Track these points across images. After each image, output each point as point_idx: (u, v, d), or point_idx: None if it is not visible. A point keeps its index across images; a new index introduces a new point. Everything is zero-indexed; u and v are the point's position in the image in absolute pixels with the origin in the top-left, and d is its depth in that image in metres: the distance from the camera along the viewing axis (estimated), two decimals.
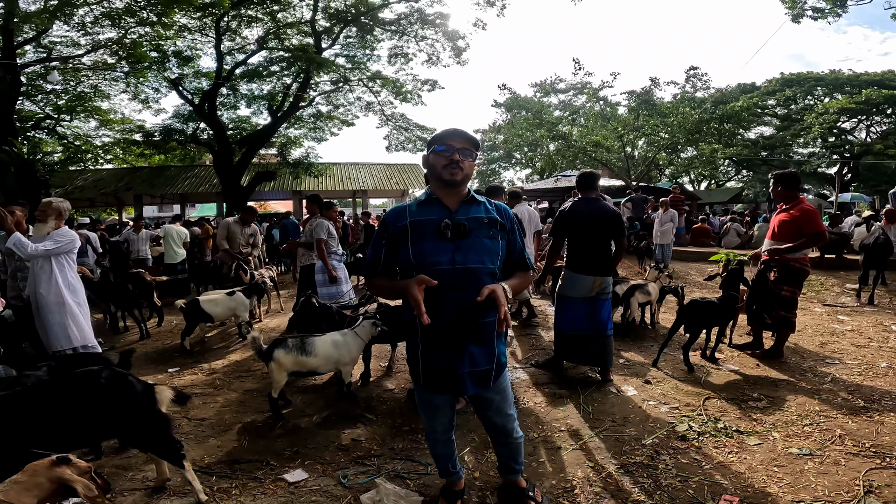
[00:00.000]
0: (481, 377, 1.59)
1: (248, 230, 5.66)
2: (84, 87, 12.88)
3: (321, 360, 2.79)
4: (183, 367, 3.91)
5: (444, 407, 1.72)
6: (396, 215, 1.59)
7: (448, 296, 1.49)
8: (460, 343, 1.54)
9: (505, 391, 1.69)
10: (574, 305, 3.22)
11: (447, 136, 1.53)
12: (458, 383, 1.58)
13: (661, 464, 2.22)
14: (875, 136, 20.97)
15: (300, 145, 15.40)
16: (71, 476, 1.22)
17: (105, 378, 1.77)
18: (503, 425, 1.73)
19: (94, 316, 5.76)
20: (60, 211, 3.13)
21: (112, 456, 2.34)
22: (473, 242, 1.51)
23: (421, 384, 1.67)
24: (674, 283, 4.91)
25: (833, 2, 9.57)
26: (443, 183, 1.54)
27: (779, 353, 3.68)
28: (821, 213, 7.41)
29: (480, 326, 1.54)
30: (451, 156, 1.51)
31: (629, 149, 16.30)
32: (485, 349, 1.58)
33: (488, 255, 1.54)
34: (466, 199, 1.57)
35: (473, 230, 1.52)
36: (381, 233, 1.60)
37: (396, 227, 1.56)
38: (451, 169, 1.51)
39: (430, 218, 1.53)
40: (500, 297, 1.42)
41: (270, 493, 2.06)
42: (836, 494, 1.93)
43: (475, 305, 1.43)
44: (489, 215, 1.57)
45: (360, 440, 2.52)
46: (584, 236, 3.20)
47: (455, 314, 1.50)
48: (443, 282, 1.46)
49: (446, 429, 1.76)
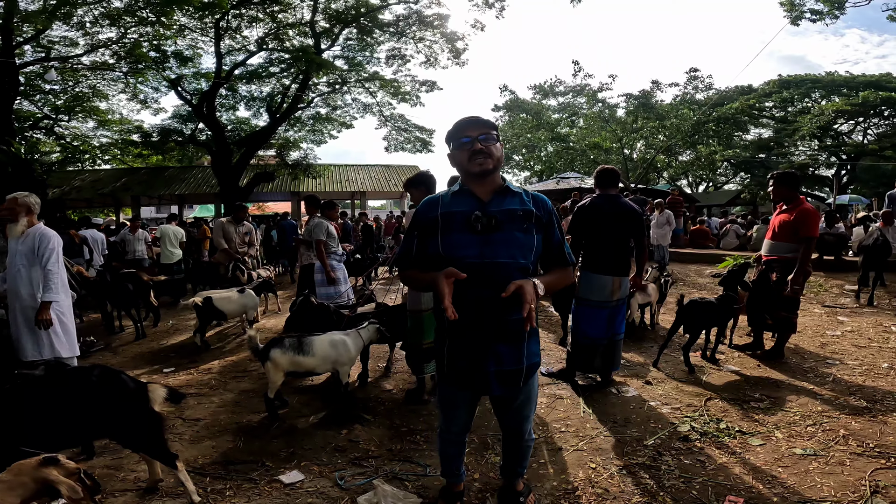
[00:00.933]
0: (509, 378, 1.51)
1: (242, 229, 5.63)
2: (83, 87, 12.85)
3: (318, 360, 2.75)
4: (178, 367, 3.86)
5: (464, 406, 1.65)
6: (429, 206, 1.54)
7: (475, 291, 1.42)
8: (487, 341, 1.47)
9: (530, 393, 1.62)
10: (593, 310, 3.06)
11: (464, 128, 1.48)
12: (483, 382, 1.51)
13: (664, 465, 2.19)
14: (872, 138, 21.05)
15: (299, 147, 15.40)
16: (56, 477, 1.18)
17: (97, 376, 1.73)
18: (519, 427, 1.67)
19: (91, 315, 5.74)
20: (29, 206, 2.85)
21: (104, 456, 2.30)
22: (504, 236, 1.44)
23: (445, 378, 1.61)
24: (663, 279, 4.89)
25: (831, 4, 9.61)
26: (474, 176, 1.48)
27: (779, 353, 3.66)
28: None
29: (508, 324, 1.44)
30: (473, 146, 1.45)
31: (627, 151, 16.33)
32: (513, 349, 1.50)
33: (520, 250, 1.45)
34: (500, 190, 1.49)
35: (505, 223, 1.44)
36: (414, 224, 1.57)
37: (428, 217, 1.51)
38: (478, 160, 1.45)
39: (460, 210, 1.47)
40: (528, 293, 1.33)
41: (266, 495, 2.02)
42: (843, 495, 1.90)
43: (502, 302, 1.36)
44: (524, 207, 1.47)
45: (358, 441, 2.48)
46: (604, 235, 3.03)
47: (482, 310, 1.44)
48: (470, 276, 1.39)
49: (462, 430, 1.71)
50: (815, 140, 20.55)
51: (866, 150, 20.00)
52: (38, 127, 13.41)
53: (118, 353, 4.39)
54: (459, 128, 1.49)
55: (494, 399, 1.64)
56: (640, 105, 14.79)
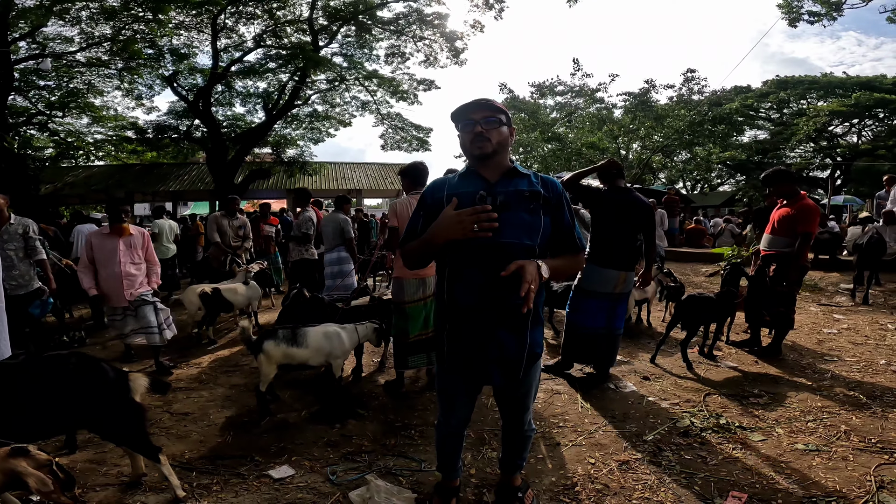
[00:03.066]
0: (510, 366, 1.47)
1: (236, 222, 5.53)
2: (77, 83, 12.69)
3: (312, 352, 2.68)
4: (168, 362, 3.77)
5: (464, 397, 1.60)
6: (435, 188, 1.52)
7: (477, 272, 1.38)
8: (490, 326, 1.42)
9: (532, 383, 1.58)
10: (594, 301, 2.99)
11: (467, 111, 1.45)
12: (484, 370, 1.47)
13: (665, 460, 2.14)
14: (866, 139, 21.19)
15: (295, 145, 15.28)
16: (25, 469, 1.11)
17: (74, 363, 1.65)
18: (520, 417, 1.63)
19: (82, 311, 5.63)
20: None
21: (87, 450, 2.22)
22: (510, 217, 1.39)
23: (445, 367, 1.55)
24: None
25: (828, 5, 9.66)
26: (475, 158, 1.46)
27: (777, 350, 3.63)
28: None
29: (511, 309, 1.37)
30: (473, 129, 1.43)
31: (623, 151, 16.36)
32: (515, 336, 1.45)
33: (526, 231, 1.41)
34: (508, 172, 1.47)
35: (511, 203, 1.41)
36: (420, 206, 1.53)
37: (434, 198, 1.48)
38: (478, 143, 1.43)
39: (467, 190, 1.44)
40: (528, 273, 1.27)
41: (254, 490, 1.95)
42: (849, 490, 1.86)
43: (505, 284, 1.31)
44: (532, 188, 1.44)
45: (351, 436, 2.41)
46: (614, 228, 2.94)
47: (485, 293, 1.39)
48: (473, 256, 1.36)
49: (461, 423, 1.65)
50: (810, 142, 20.68)
51: (860, 152, 20.14)
52: (31, 122, 13.23)
53: (106, 348, 4.30)
54: (464, 110, 1.46)
55: (496, 389, 1.59)
56: (639, 104, 14.81)
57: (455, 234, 1.33)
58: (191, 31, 11.95)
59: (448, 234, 1.34)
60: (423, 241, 1.42)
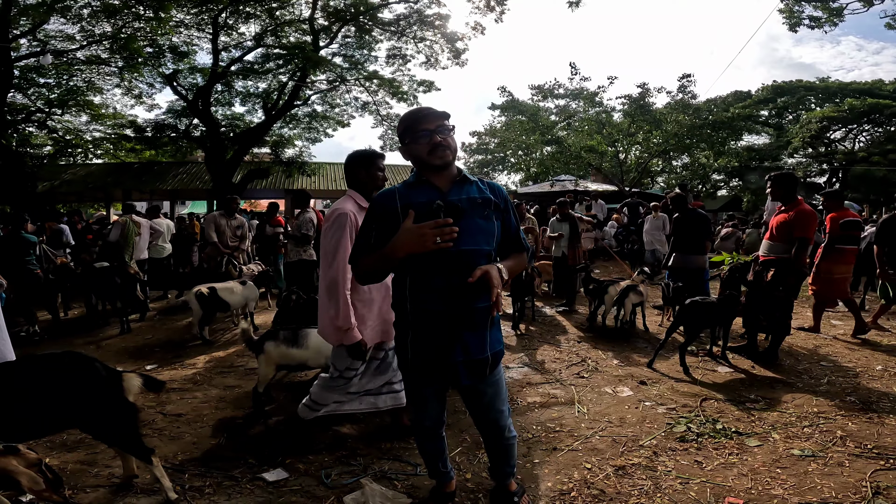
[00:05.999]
0: (476, 367, 1.49)
1: (234, 222, 5.50)
2: (77, 80, 12.65)
3: (312, 353, 2.67)
4: (163, 363, 3.74)
5: (433, 399, 1.61)
6: (385, 198, 1.49)
7: (441, 280, 1.40)
8: (454, 330, 1.44)
9: (498, 384, 1.59)
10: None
11: (420, 120, 1.45)
12: (450, 373, 1.48)
13: (661, 465, 2.13)
14: (862, 144, 21.27)
15: (294, 145, 15.25)
16: (15, 467, 1.09)
17: (66, 362, 1.63)
18: (496, 421, 1.62)
19: (77, 310, 5.60)
20: None
21: (78, 451, 2.19)
22: (468, 224, 1.42)
23: (410, 372, 1.56)
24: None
25: (829, 11, 9.72)
26: (434, 168, 1.45)
27: (774, 355, 3.63)
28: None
29: (475, 312, 1.44)
30: (431, 139, 1.43)
31: (622, 155, 16.39)
32: (479, 337, 1.48)
33: (483, 237, 1.45)
34: (458, 180, 1.49)
35: (466, 211, 1.43)
36: (371, 217, 1.50)
37: (386, 209, 1.46)
38: (438, 153, 1.43)
39: (420, 200, 1.43)
40: (494, 278, 1.34)
41: (247, 493, 1.93)
42: (844, 496, 1.85)
43: (468, 289, 1.35)
44: (483, 195, 1.48)
45: (346, 439, 2.40)
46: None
47: (448, 299, 1.41)
48: (436, 265, 1.38)
49: (435, 423, 1.65)
50: (808, 148, 20.76)
51: (857, 158, 20.23)
52: (30, 120, 13.18)
53: (101, 348, 4.27)
54: (416, 120, 1.46)
55: (464, 390, 1.58)
56: (639, 108, 14.83)
57: (417, 249, 1.32)
58: (191, 29, 11.95)
59: (410, 249, 1.33)
60: (382, 255, 1.39)
